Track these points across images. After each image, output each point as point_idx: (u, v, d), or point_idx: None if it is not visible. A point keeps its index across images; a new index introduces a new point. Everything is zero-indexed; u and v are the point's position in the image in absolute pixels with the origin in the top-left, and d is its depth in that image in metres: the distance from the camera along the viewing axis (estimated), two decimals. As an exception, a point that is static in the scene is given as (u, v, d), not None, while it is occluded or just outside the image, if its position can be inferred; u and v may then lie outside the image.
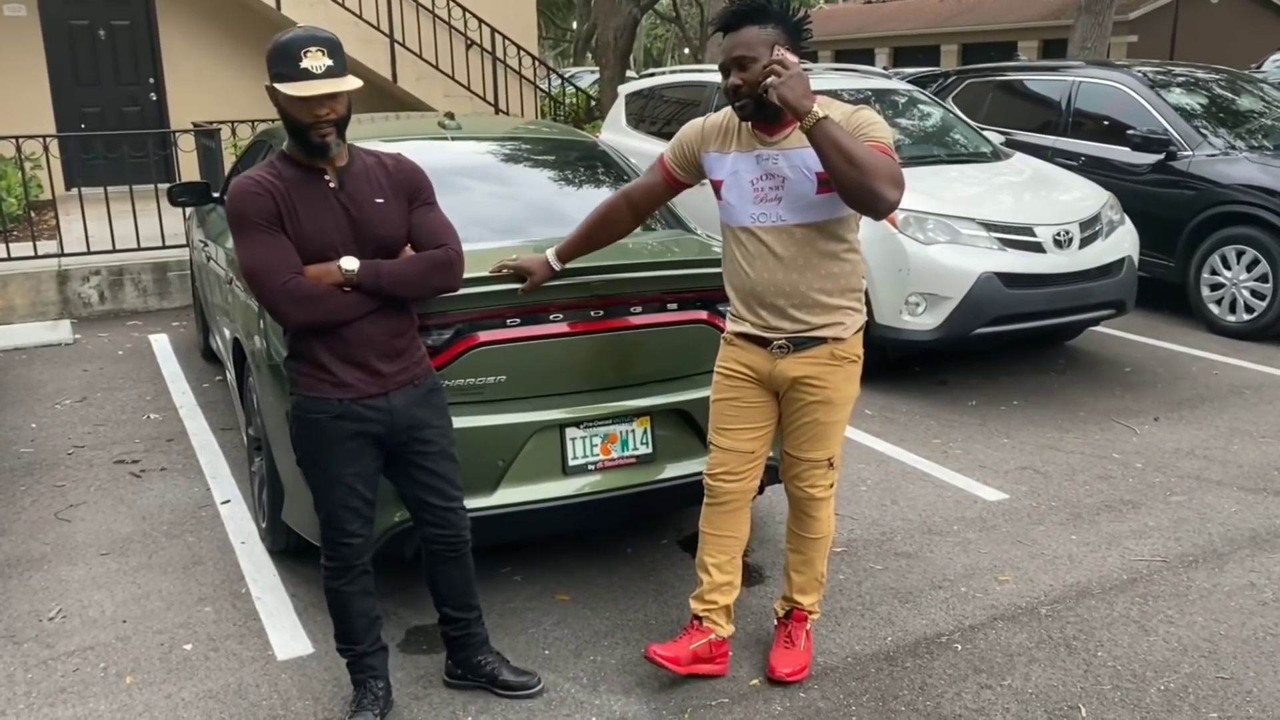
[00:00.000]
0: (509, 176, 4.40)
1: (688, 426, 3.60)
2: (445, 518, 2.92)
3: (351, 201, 2.70)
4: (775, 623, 3.29)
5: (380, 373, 2.75)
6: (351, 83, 2.60)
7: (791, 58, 2.69)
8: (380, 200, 2.72)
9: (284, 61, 2.57)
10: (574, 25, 38.00)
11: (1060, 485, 4.64)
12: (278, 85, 2.59)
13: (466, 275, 3.23)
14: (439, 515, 2.92)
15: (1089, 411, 5.59)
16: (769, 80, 2.65)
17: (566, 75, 16.64)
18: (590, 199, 3.81)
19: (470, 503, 3.29)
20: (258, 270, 2.62)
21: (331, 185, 2.70)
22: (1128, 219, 6.50)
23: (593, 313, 3.46)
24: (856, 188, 2.67)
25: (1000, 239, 5.78)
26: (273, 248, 2.62)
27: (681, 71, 8.61)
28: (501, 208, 4.12)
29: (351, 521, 2.81)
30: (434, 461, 2.87)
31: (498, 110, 12.55)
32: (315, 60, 2.55)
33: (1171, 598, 3.65)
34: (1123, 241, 6.26)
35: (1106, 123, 8.05)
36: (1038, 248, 5.82)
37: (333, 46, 2.60)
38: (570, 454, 3.44)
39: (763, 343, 2.94)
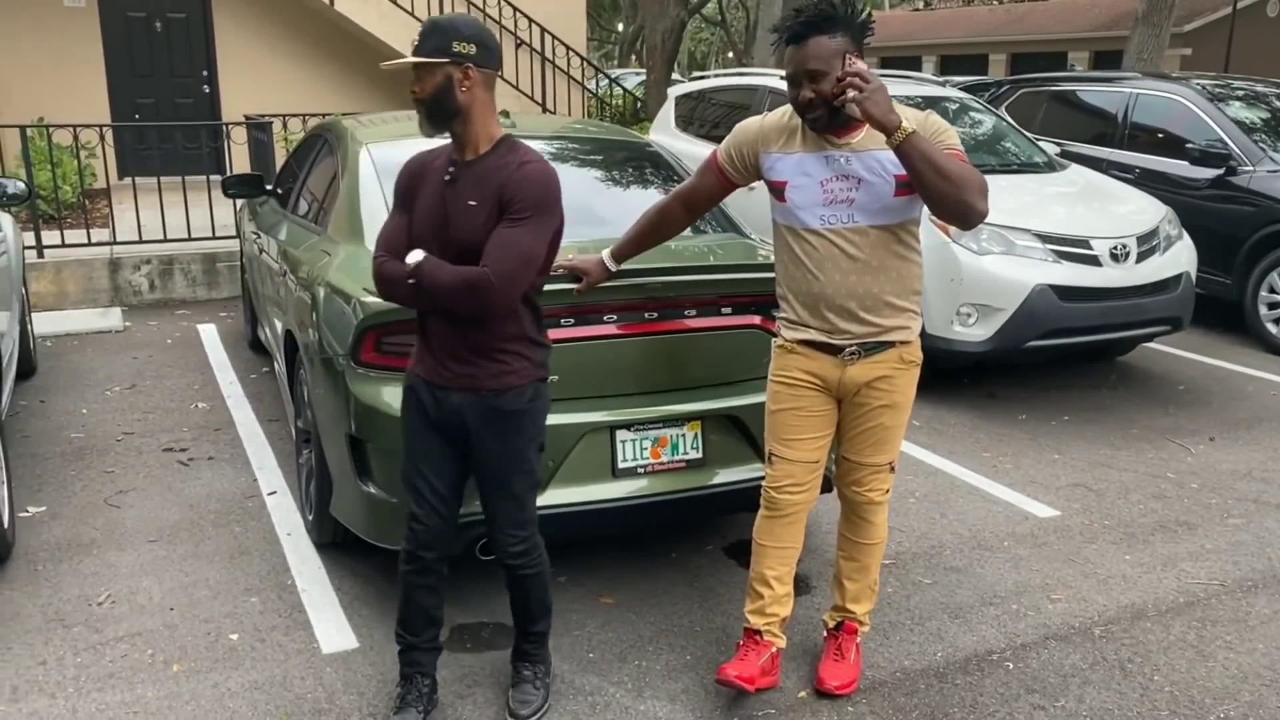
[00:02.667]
0: (565, 175, 4.35)
1: (738, 432, 3.56)
2: (495, 536, 2.88)
3: (452, 198, 2.67)
4: (825, 634, 3.25)
5: (446, 369, 2.74)
6: (408, 60, 2.63)
7: (863, 65, 2.64)
8: (473, 203, 2.64)
9: None
10: (619, 27, 38.04)
11: (1113, 503, 4.55)
12: None
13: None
14: (492, 530, 2.88)
15: (1142, 429, 5.49)
16: (850, 95, 2.59)
17: (613, 76, 16.62)
18: (644, 199, 3.79)
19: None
20: (376, 241, 2.80)
21: (446, 178, 2.69)
22: (1186, 234, 6.38)
23: (646, 315, 3.43)
24: (951, 202, 2.64)
25: (1055, 251, 5.69)
26: (389, 224, 2.79)
27: (732, 74, 8.57)
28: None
29: (419, 503, 2.82)
30: (485, 480, 2.81)
31: (545, 109, 12.58)
32: (417, 39, 2.64)
33: (1230, 623, 3.56)
34: (1180, 257, 6.14)
35: (1164, 136, 7.92)
36: (1094, 261, 5.73)
37: (430, 28, 2.62)
38: (620, 456, 3.41)
39: (830, 349, 2.89)
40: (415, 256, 2.64)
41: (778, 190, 2.89)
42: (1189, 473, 4.91)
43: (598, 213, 4.10)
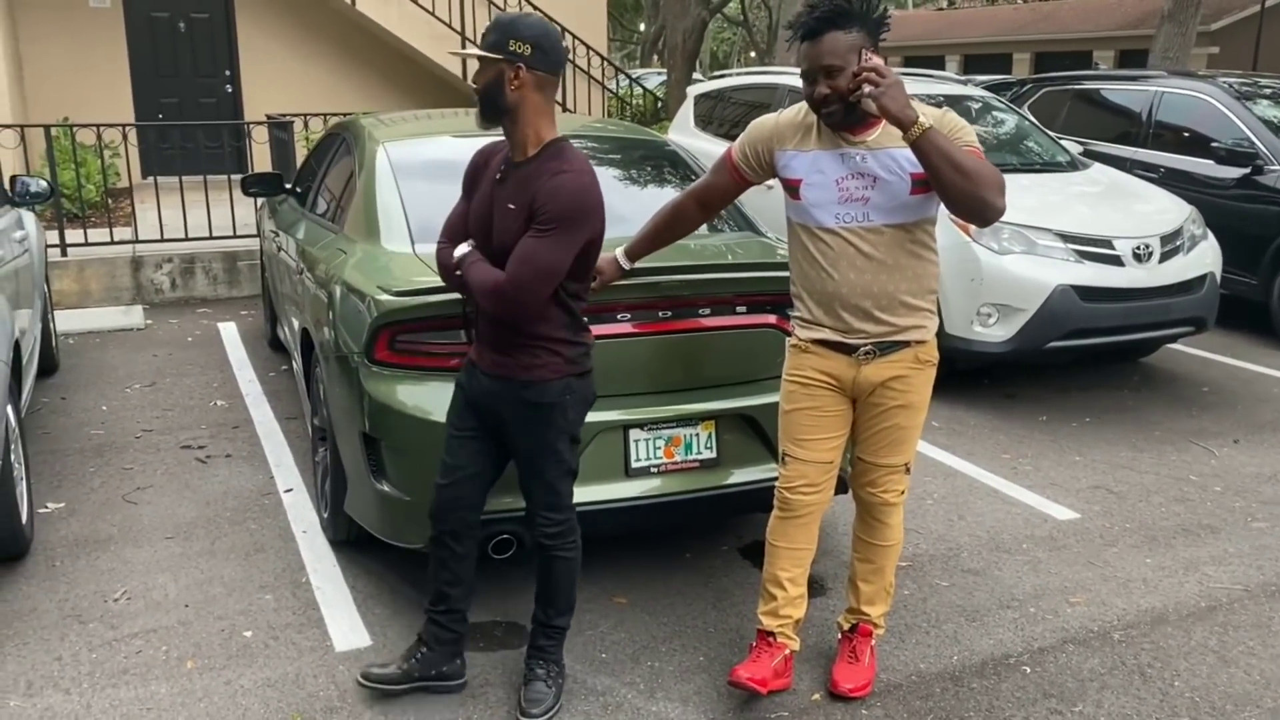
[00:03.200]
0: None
1: (753, 432, 3.53)
2: (531, 518, 2.96)
3: (498, 198, 2.73)
4: (839, 636, 3.22)
5: (486, 355, 2.84)
6: (471, 52, 2.74)
7: (879, 61, 2.61)
8: (511, 207, 2.69)
9: None
10: (641, 27, 38.01)
11: (1134, 506, 4.49)
12: None
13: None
14: (529, 512, 2.97)
15: (1165, 431, 5.42)
16: (867, 90, 2.57)
17: (634, 76, 16.61)
18: (660, 198, 3.76)
19: (532, 501, 3.28)
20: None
21: (497, 177, 2.76)
22: (1210, 234, 6.30)
23: (660, 313, 3.41)
24: (968, 198, 2.60)
25: (1077, 251, 5.63)
26: (454, 210, 2.91)
27: (751, 73, 8.54)
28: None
29: (440, 474, 2.93)
30: (519, 466, 2.91)
31: (565, 109, 12.58)
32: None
33: (1253, 628, 3.51)
34: (1205, 257, 6.07)
35: (1189, 135, 7.83)
36: (1116, 261, 5.67)
37: (494, 24, 2.69)
38: (633, 456, 3.39)
39: (844, 349, 2.86)
40: (462, 250, 2.75)
41: (792, 188, 2.87)
42: (1212, 475, 4.84)
43: (616, 211, 4.02)
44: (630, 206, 4.02)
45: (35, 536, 4.00)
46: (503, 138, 2.82)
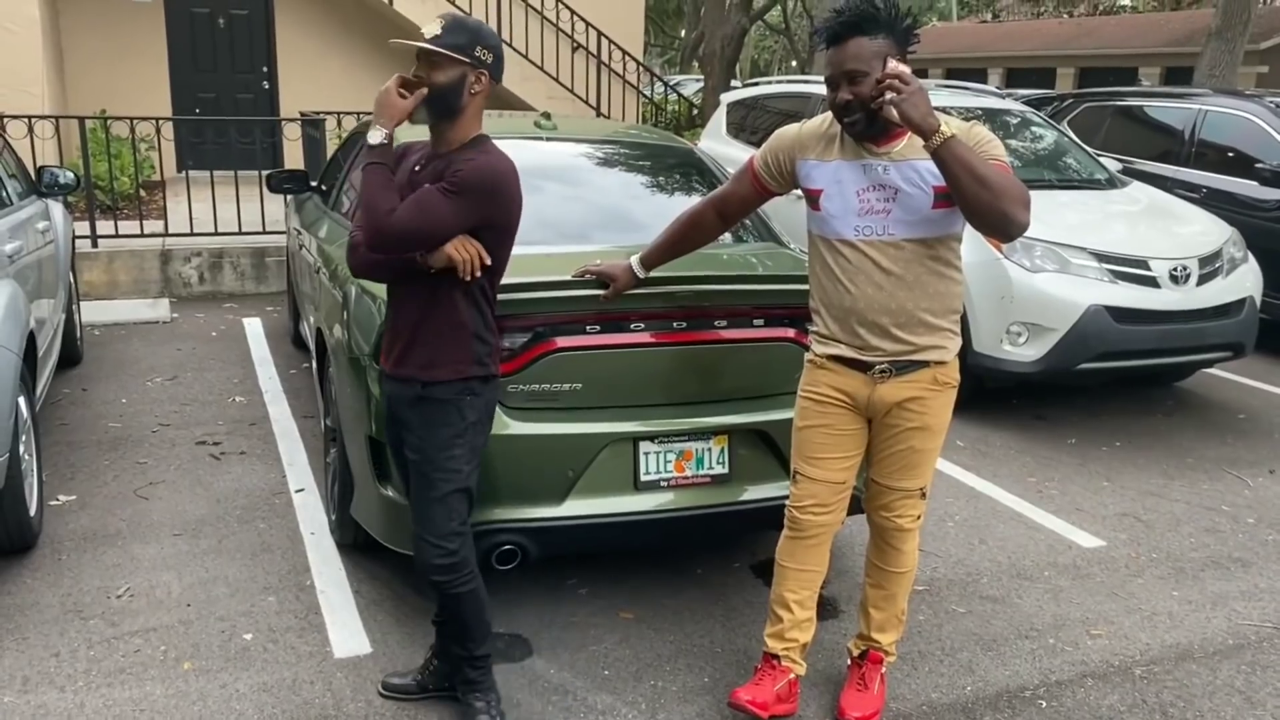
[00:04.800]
0: (600, 179, 4.31)
1: (767, 448, 3.45)
2: (418, 546, 2.78)
3: (417, 183, 2.68)
4: (848, 662, 3.12)
5: (395, 353, 2.75)
6: (432, 47, 2.57)
7: (905, 68, 2.53)
8: (429, 186, 2.64)
9: None
10: (682, 33, 37.95)
11: (1163, 536, 4.35)
12: None
13: (546, 279, 3.18)
14: (416, 540, 2.79)
15: (1198, 459, 5.27)
16: (889, 97, 2.49)
17: (672, 83, 16.54)
18: (682, 206, 3.69)
19: (538, 512, 3.22)
20: None
21: (416, 168, 2.71)
22: (1251, 257, 6.13)
23: (675, 324, 3.34)
24: (988, 211, 2.51)
25: (1112, 270, 5.49)
26: None
27: (785, 82, 8.46)
28: (590, 210, 4.03)
29: (404, 485, 2.93)
30: (412, 473, 2.78)
31: (599, 114, 12.54)
32: (430, 28, 2.61)
33: (1282, 669, 3.38)
34: (1245, 280, 5.91)
35: (1233, 154, 7.64)
36: (1152, 282, 5.52)
37: (459, 25, 2.62)
38: (643, 469, 3.32)
39: (860, 366, 2.77)
40: (376, 137, 2.58)
41: (813, 199, 2.79)
42: (1245, 506, 4.69)
43: (634, 218, 4.02)
44: (650, 212, 3.96)
45: (44, 529, 3.99)
46: (420, 140, 2.79)
